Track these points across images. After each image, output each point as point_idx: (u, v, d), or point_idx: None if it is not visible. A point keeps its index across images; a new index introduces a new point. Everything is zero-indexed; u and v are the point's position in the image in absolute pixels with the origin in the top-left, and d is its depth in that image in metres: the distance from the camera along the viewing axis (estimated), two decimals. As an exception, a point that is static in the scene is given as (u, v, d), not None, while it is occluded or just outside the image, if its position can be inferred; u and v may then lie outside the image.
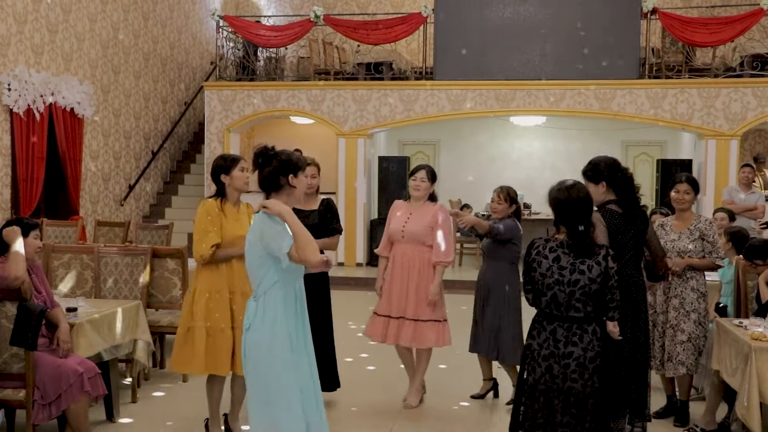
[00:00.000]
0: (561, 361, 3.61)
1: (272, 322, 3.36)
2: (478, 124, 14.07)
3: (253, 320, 3.39)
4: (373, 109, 12.65)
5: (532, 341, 3.71)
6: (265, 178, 3.42)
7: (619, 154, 14.48)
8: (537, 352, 3.67)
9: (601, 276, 3.58)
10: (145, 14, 12.97)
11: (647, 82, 11.99)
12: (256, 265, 3.39)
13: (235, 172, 4.49)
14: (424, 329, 5.39)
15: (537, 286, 3.67)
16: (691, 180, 5.27)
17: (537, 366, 3.66)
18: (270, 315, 3.36)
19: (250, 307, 3.43)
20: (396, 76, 13.04)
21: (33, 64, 9.86)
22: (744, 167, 9.56)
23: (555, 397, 3.63)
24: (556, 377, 3.61)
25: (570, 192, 3.67)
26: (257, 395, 3.41)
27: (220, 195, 4.55)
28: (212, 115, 13.08)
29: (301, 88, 12.91)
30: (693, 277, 5.18)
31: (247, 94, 12.98)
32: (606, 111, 12.08)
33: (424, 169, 5.58)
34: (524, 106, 12.35)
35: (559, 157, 14.58)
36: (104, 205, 11.87)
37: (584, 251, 3.60)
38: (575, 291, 3.58)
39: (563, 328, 3.62)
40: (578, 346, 3.60)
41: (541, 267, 3.64)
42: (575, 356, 3.59)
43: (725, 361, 4.69)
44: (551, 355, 3.62)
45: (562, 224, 3.70)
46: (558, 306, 3.61)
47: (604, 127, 13.65)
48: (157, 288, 6.15)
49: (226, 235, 4.47)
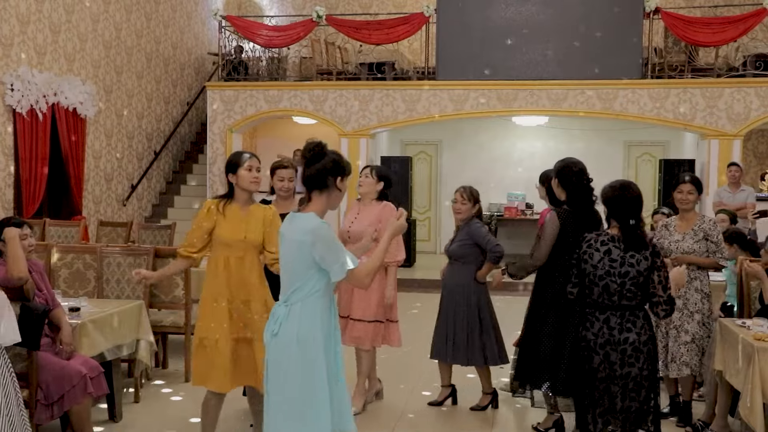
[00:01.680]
0: (618, 347, 3.80)
1: (309, 329, 3.20)
2: (480, 124, 14.06)
3: (284, 327, 3.20)
4: (375, 109, 12.64)
5: (585, 332, 3.87)
6: (313, 175, 3.28)
7: (621, 154, 14.50)
8: (593, 341, 3.84)
9: (648, 270, 3.80)
10: (148, 14, 12.98)
11: (650, 82, 11.97)
12: (299, 270, 3.21)
13: (240, 172, 4.23)
14: (369, 330, 5.29)
15: (588, 277, 3.85)
16: (694, 180, 5.25)
17: (595, 354, 3.83)
18: (307, 323, 3.20)
19: (279, 313, 3.25)
20: (398, 76, 13.03)
21: (36, 64, 9.87)
22: (730, 166, 9.56)
23: (615, 384, 3.82)
24: (614, 363, 3.80)
25: (625, 190, 3.91)
26: (284, 407, 3.20)
27: (228, 195, 4.31)
28: (214, 115, 13.08)
29: (304, 89, 12.91)
30: (697, 277, 5.17)
31: (249, 94, 12.98)
32: (608, 111, 12.07)
33: (368, 166, 5.59)
34: (526, 106, 12.33)
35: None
36: (107, 205, 11.88)
37: (635, 245, 3.82)
38: (626, 282, 3.79)
39: (616, 316, 3.81)
40: (632, 331, 3.79)
41: (592, 259, 3.84)
42: (631, 341, 3.79)
43: (728, 362, 4.68)
44: (607, 342, 3.80)
45: (614, 219, 3.93)
46: (610, 295, 3.80)
47: (607, 127, 13.63)
48: (160, 288, 6.15)
49: (219, 236, 4.22)
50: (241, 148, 13.49)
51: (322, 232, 3.18)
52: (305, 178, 3.31)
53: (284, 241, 3.30)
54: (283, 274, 3.31)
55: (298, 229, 3.22)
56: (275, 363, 3.23)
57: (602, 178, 4.26)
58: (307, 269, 3.20)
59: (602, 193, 4.02)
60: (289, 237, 3.26)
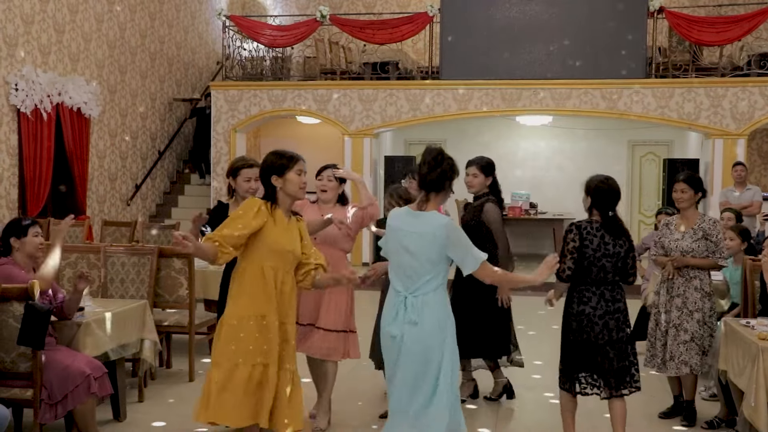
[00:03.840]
0: (614, 315, 4.38)
1: (447, 315, 3.65)
2: (483, 124, 14.06)
3: (425, 315, 3.57)
4: (379, 109, 12.64)
5: (583, 307, 4.37)
6: (434, 179, 3.63)
7: (625, 154, 14.48)
8: (592, 314, 4.37)
9: (626, 252, 4.39)
10: (152, 14, 13.00)
11: (654, 82, 11.96)
12: (431, 262, 3.59)
13: (290, 175, 3.72)
14: (340, 340, 4.81)
15: (588, 260, 4.31)
16: (689, 179, 5.22)
17: (595, 325, 4.36)
18: (444, 310, 3.63)
19: (414, 303, 3.59)
20: (402, 75, 13.03)
21: (40, 64, 9.89)
22: (735, 166, 9.56)
23: (612, 347, 4.37)
24: (612, 330, 4.36)
25: (609, 183, 4.40)
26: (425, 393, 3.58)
27: (270, 200, 3.73)
28: (218, 115, 13.09)
29: (308, 88, 12.91)
30: (696, 276, 5.17)
31: (253, 94, 12.98)
32: (612, 110, 12.06)
33: (330, 168, 4.97)
34: (530, 105, 12.34)
35: (565, 157, 14.55)
36: (111, 204, 11.90)
37: (617, 231, 4.37)
38: (617, 262, 4.34)
39: (608, 290, 4.37)
40: (621, 301, 4.42)
41: (593, 243, 4.32)
42: (621, 309, 4.42)
43: (732, 361, 4.67)
44: (606, 312, 4.36)
45: (597, 209, 4.41)
46: (606, 273, 4.33)
47: (611, 127, 13.62)
48: (164, 287, 6.14)
49: (271, 244, 3.65)
50: (245, 147, 13.51)
51: (455, 228, 3.63)
52: (427, 181, 3.62)
53: (406, 236, 3.63)
54: (411, 268, 3.60)
55: (429, 225, 3.60)
56: (416, 352, 3.58)
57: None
58: (438, 261, 3.59)
59: (589, 185, 4.44)
60: (416, 231, 3.61)
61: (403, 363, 3.61)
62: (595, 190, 4.38)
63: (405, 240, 3.64)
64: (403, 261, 3.65)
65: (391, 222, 3.76)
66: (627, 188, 14.52)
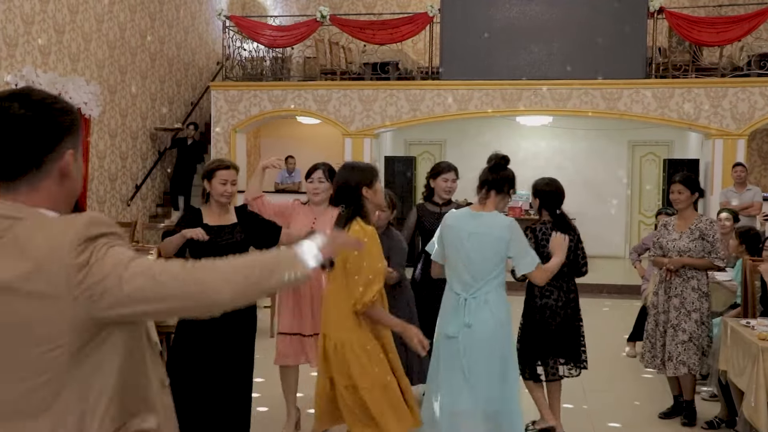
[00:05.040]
0: (571, 305, 4.82)
1: (507, 314, 3.82)
2: (484, 124, 14.06)
3: (483, 316, 3.70)
4: (379, 109, 12.65)
5: (547, 300, 4.75)
6: (498, 180, 3.91)
7: (625, 154, 14.49)
8: (555, 305, 4.76)
9: (575, 246, 4.77)
10: (152, 14, 13.00)
11: (654, 82, 11.96)
12: (492, 262, 3.74)
13: (378, 185, 3.55)
14: None
15: (548, 257, 4.35)
16: (685, 180, 5.25)
17: (557, 315, 4.75)
18: (502, 310, 3.79)
19: (473, 305, 3.72)
20: (402, 76, 13.03)
21: (40, 64, 9.90)
22: (735, 167, 9.57)
23: (569, 332, 4.81)
24: (569, 317, 4.79)
25: (554, 185, 4.82)
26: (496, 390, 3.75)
27: (359, 214, 3.45)
28: (218, 116, 13.10)
29: (308, 88, 12.92)
30: (694, 276, 5.18)
31: (253, 94, 12.99)
32: (612, 111, 12.07)
33: (320, 168, 4.72)
34: (530, 106, 12.34)
35: (565, 157, 14.56)
36: (111, 205, 11.90)
37: (566, 228, 4.66)
38: (569, 256, 4.54)
39: (565, 282, 4.78)
40: (574, 292, 4.86)
41: (549, 242, 4.41)
42: (576, 299, 4.86)
43: (732, 362, 4.68)
44: (565, 303, 4.77)
45: (545, 209, 4.81)
46: (563, 267, 4.46)
47: (611, 127, 13.63)
48: (164, 288, 6.14)
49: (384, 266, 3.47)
50: (245, 148, 13.52)
51: (517, 228, 3.81)
52: (491, 180, 3.86)
53: (467, 237, 3.77)
54: (473, 268, 3.71)
55: (492, 225, 3.78)
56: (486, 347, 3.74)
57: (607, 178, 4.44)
58: (499, 262, 3.76)
59: (536, 187, 4.85)
60: (479, 232, 3.74)
61: (468, 364, 3.69)
62: (541, 193, 4.78)
63: (466, 241, 3.78)
64: (465, 262, 3.79)
65: (450, 223, 3.92)
66: (627, 188, 14.55)
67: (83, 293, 1.49)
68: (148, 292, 1.52)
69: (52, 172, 1.62)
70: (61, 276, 1.49)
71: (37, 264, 1.49)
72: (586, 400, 5.85)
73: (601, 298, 10.66)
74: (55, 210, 1.64)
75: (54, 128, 1.61)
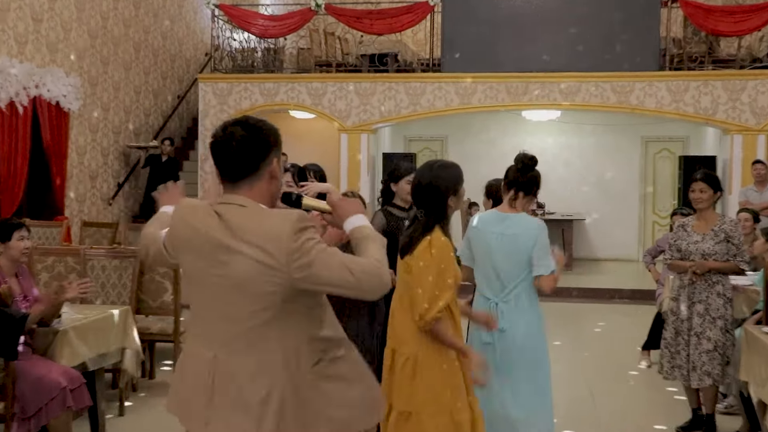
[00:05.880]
0: None
1: (539, 318, 3.94)
2: (488, 119, 14.01)
3: (516, 320, 3.81)
4: (377, 103, 12.59)
5: None
6: (525, 182, 4.06)
7: (638, 151, 14.44)
8: None
9: None
10: (136, 2, 12.92)
11: (668, 74, 11.90)
12: (521, 265, 3.85)
13: (462, 190, 3.45)
14: None
15: None
16: (707, 177, 5.17)
17: None
18: (534, 314, 3.90)
19: (505, 309, 3.83)
20: (401, 68, 12.98)
21: (16, 54, 9.81)
22: (755, 164, 9.52)
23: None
24: None
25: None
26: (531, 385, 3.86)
27: (440, 223, 3.33)
28: (207, 109, 13.03)
29: (301, 81, 12.86)
30: (719, 281, 5.10)
31: (244, 87, 12.92)
32: (624, 105, 12.00)
33: (289, 171, 4.51)
34: (537, 99, 12.28)
35: (573, 153, 14.51)
36: (91, 204, 11.82)
37: None
38: None
39: None
40: None
41: None
42: None
43: (754, 372, 4.61)
44: None
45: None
46: None
47: (622, 122, 13.57)
48: (147, 293, 6.11)
49: (457, 276, 3.33)
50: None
51: (546, 230, 3.93)
52: (519, 181, 4.02)
53: (497, 239, 3.88)
54: (501, 271, 3.81)
55: (523, 226, 3.89)
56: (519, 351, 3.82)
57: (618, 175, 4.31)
58: (527, 264, 3.84)
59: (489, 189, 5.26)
60: (509, 234, 3.85)
61: (502, 369, 3.78)
62: (496, 193, 4.86)
63: (495, 243, 3.91)
64: (494, 265, 3.91)
65: (479, 226, 4.05)
66: (640, 187, 14.49)
67: (294, 270, 2.25)
68: (343, 281, 2.29)
69: (265, 175, 2.42)
70: (282, 255, 2.25)
71: (263, 243, 2.26)
72: (597, 414, 5.79)
73: (612, 304, 10.62)
74: (264, 203, 2.41)
75: (265, 143, 2.42)
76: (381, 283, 2.35)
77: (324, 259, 2.27)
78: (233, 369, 2.34)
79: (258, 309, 2.30)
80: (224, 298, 2.34)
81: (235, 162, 2.39)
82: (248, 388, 2.32)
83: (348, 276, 2.28)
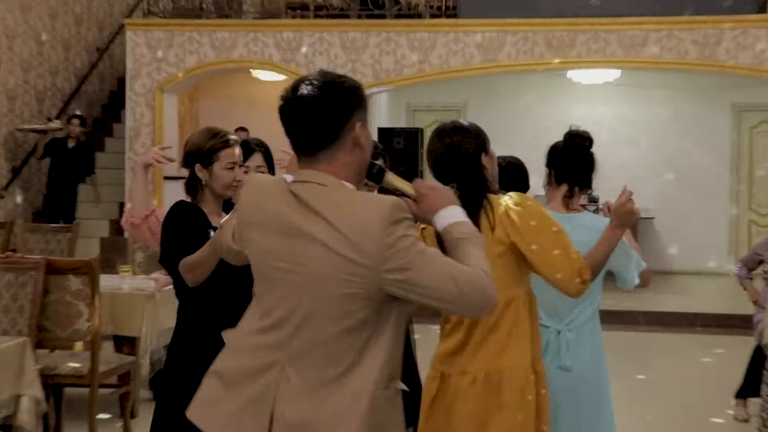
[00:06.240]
0: None
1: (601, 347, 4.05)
2: (520, 81, 14.10)
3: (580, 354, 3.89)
4: (370, 60, 12.59)
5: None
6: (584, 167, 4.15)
7: (728, 123, 14.53)
8: None
9: None
10: None
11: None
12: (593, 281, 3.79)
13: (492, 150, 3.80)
14: None
15: None
16: None
17: None
18: (598, 342, 4.04)
19: (570, 340, 3.89)
20: (404, 12, 12.96)
21: None
22: None
23: None
24: None
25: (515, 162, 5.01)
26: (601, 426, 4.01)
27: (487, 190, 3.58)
28: (137, 68, 13.02)
29: (267, 30, 12.89)
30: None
31: (188, 38, 12.88)
32: (708, 61, 12.00)
33: (258, 151, 4.61)
34: (588, 55, 12.31)
35: (637, 128, 14.59)
36: (-23, 197, 11.79)
37: None
38: None
39: None
40: None
41: None
42: None
43: None
44: None
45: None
46: None
47: (705, 85, 13.68)
48: (54, 319, 6.03)
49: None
50: (175, 113, 13.41)
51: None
52: (573, 172, 4.08)
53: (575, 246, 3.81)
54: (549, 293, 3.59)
55: (592, 229, 3.81)
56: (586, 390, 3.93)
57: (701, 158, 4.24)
58: (600, 279, 3.86)
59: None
60: (575, 241, 3.62)
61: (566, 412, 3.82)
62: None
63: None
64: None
65: None
66: (731, 173, 14.50)
67: (386, 271, 2.37)
68: (444, 293, 2.38)
69: (347, 144, 2.54)
70: (372, 251, 2.37)
71: (349, 234, 2.39)
72: None
73: (694, 333, 10.57)
74: (349, 180, 2.55)
75: (345, 104, 2.54)
76: (484, 299, 2.43)
77: (424, 263, 2.39)
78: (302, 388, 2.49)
79: (339, 314, 2.45)
80: (297, 298, 2.50)
81: (308, 130, 2.55)
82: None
83: (451, 287, 2.36)
